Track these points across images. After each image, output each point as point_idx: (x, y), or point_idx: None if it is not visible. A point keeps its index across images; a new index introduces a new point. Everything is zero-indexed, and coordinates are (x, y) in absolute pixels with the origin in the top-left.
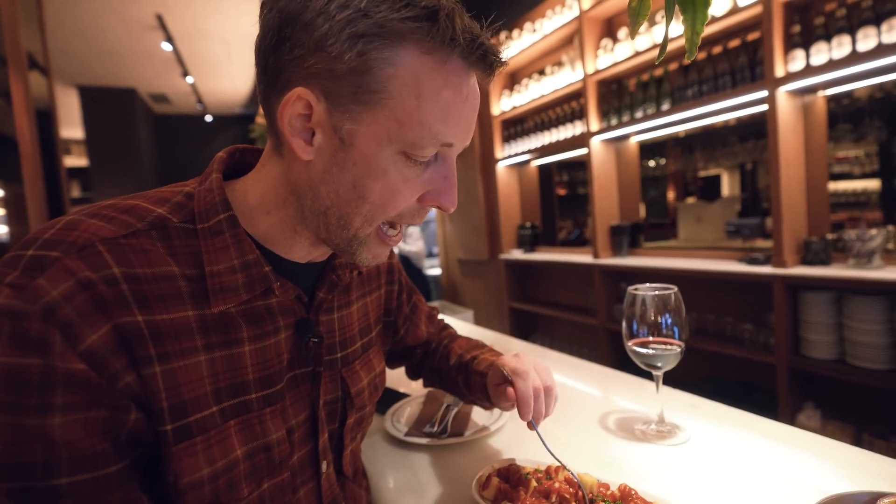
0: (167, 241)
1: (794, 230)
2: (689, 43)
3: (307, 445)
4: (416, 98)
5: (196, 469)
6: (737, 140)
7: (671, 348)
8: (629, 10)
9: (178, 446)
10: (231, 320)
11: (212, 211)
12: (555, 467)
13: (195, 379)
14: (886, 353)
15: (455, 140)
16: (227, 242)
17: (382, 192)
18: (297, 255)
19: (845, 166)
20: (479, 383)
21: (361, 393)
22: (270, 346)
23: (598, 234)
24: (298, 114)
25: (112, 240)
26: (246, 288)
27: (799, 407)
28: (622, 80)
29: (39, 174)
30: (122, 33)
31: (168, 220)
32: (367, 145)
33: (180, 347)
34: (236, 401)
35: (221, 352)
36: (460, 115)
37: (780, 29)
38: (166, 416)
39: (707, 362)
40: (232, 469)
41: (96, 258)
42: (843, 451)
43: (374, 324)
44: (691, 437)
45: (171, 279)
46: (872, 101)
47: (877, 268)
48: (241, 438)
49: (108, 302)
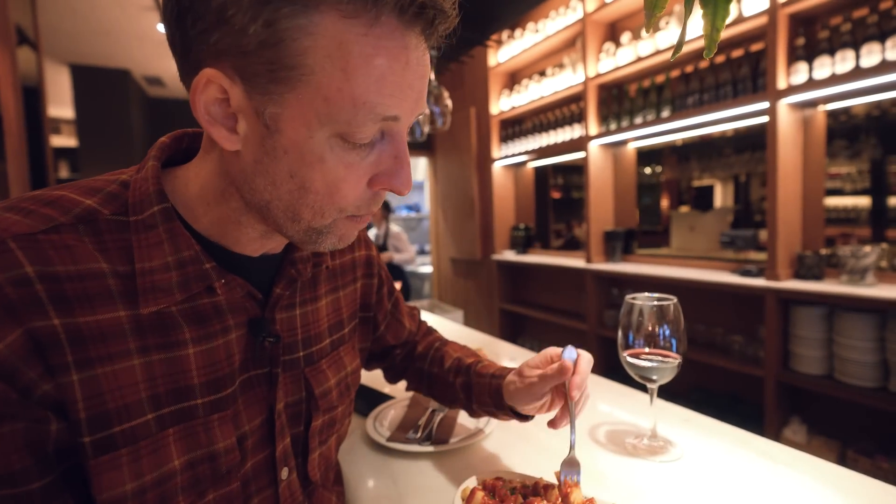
0: (96, 236)
1: (788, 244)
2: (708, 39)
3: (263, 452)
4: (343, 70)
5: (118, 484)
6: (732, 151)
7: (668, 361)
8: (645, 2)
9: (97, 459)
10: (171, 320)
11: (146, 202)
12: (543, 483)
13: (126, 385)
14: (874, 371)
15: (400, 112)
16: (161, 238)
17: (325, 182)
18: (247, 248)
19: (837, 182)
20: (487, 385)
21: (328, 394)
22: (219, 346)
23: (591, 239)
24: (214, 98)
25: (27, 235)
26: (181, 287)
27: (785, 421)
28: (623, 85)
29: (24, 152)
30: (118, 12)
31: (98, 212)
32: (295, 130)
33: (107, 352)
34: (177, 407)
35: (159, 355)
36: (401, 85)
37: (785, 41)
38: (84, 427)
39: (695, 373)
40: (165, 482)
41: (6, 257)
42: (834, 472)
43: (347, 319)
44: (684, 453)
45: (98, 277)
46: (869, 119)
47: (869, 285)
48: (182, 447)
49: (17, 305)
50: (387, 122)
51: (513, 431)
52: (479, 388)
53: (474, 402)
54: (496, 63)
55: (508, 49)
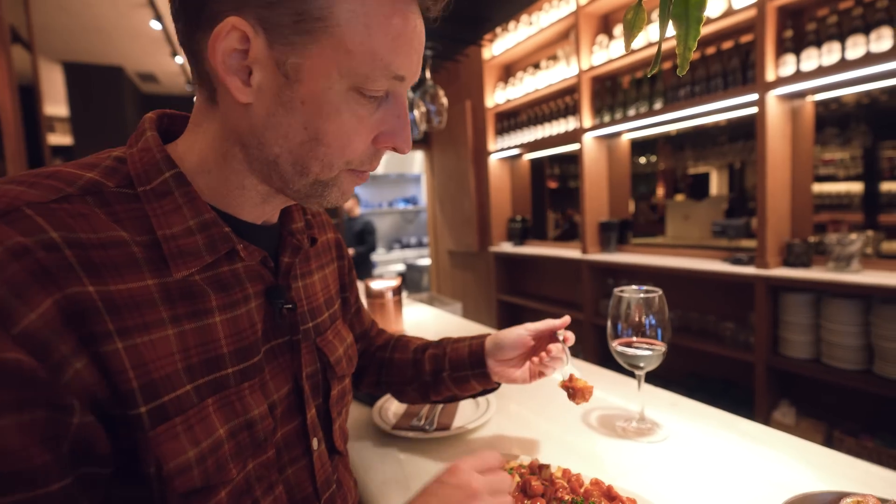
0: (106, 207)
1: (777, 232)
2: (681, 58)
3: (293, 421)
4: (366, 26)
5: (181, 451)
6: (726, 140)
7: (654, 349)
8: (624, 22)
9: (155, 430)
10: (197, 288)
11: (153, 171)
12: (538, 464)
13: (164, 355)
14: (859, 355)
15: (406, 73)
16: (178, 203)
17: (338, 134)
18: (250, 215)
19: (831, 168)
20: (466, 348)
21: (340, 361)
22: (242, 315)
23: (587, 230)
24: (233, 49)
25: (40, 204)
26: (208, 250)
27: (775, 404)
28: (616, 78)
29: (22, 151)
30: (110, 9)
31: (102, 184)
32: (315, 81)
33: (143, 321)
34: (211, 377)
35: (190, 324)
36: (410, 46)
37: (773, 33)
38: (138, 397)
39: (689, 359)
40: (218, 449)
41: (27, 222)
42: (814, 451)
43: (335, 296)
44: (670, 434)
45: (121, 245)
46: (859, 107)
47: (855, 272)
48: (222, 417)
49: (50, 270)
50: (394, 82)
51: (511, 419)
52: (455, 354)
53: (445, 370)
54: (491, 56)
55: (503, 42)
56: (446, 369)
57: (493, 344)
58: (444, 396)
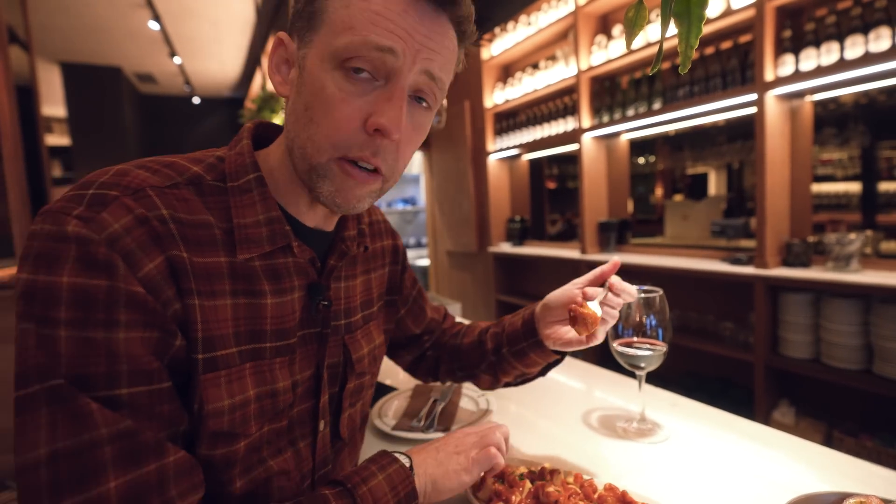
0: (202, 196)
1: (776, 232)
2: (682, 56)
3: (308, 402)
4: (346, 7)
5: (219, 399)
6: (725, 140)
7: (656, 349)
8: (625, 20)
9: (205, 376)
10: (255, 272)
11: (241, 171)
12: (549, 469)
13: (222, 319)
14: (859, 354)
15: (394, 45)
16: (255, 199)
17: (325, 111)
18: (306, 217)
19: (829, 168)
20: (520, 318)
21: (361, 360)
22: (287, 302)
23: (586, 230)
24: (278, 54)
25: (159, 188)
26: (269, 240)
27: (774, 404)
28: (615, 78)
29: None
30: (108, 10)
31: (203, 177)
32: (313, 64)
33: (212, 288)
34: (252, 346)
35: (245, 299)
36: (397, 24)
37: (772, 33)
38: (199, 345)
39: (688, 358)
40: (246, 406)
41: (148, 200)
42: (815, 451)
43: (376, 299)
44: (671, 435)
45: (208, 227)
46: (858, 107)
47: (854, 271)
48: (254, 381)
49: (162, 236)
50: (380, 55)
51: (511, 420)
52: (511, 327)
53: (504, 346)
54: (489, 56)
55: (501, 42)
56: (505, 345)
57: (542, 307)
58: (513, 376)
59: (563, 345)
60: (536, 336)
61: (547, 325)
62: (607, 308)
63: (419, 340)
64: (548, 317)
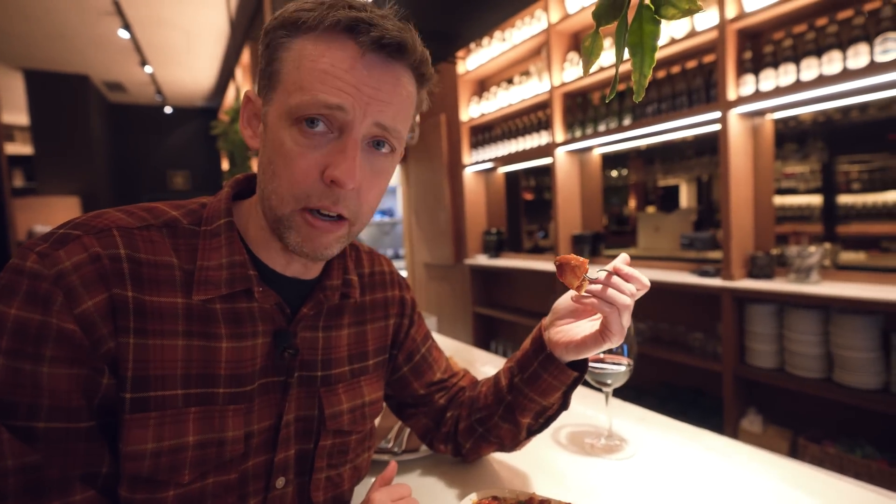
0: (174, 238)
1: (741, 245)
2: (636, 85)
3: (266, 455)
4: (297, 68)
5: (142, 441)
6: (693, 154)
7: (619, 366)
8: (582, 49)
9: (132, 415)
10: (213, 315)
11: (215, 217)
12: (538, 499)
13: (168, 359)
14: (820, 363)
15: (343, 103)
16: (221, 244)
17: (285, 165)
18: (277, 264)
19: (792, 182)
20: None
21: (338, 416)
22: (247, 347)
23: (560, 243)
24: (250, 111)
25: (127, 228)
26: (227, 283)
27: (743, 412)
28: (587, 94)
29: None
30: (74, 17)
31: (179, 221)
32: (273, 121)
33: (161, 328)
34: (202, 390)
35: (199, 342)
36: (344, 80)
37: (734, 54)
38: (128, 384)
39: (660, 369)
40: (178, 452)
41: (109, 240)
42: (780, 464)
43: (373, 353)
44: (637, 451)
45: (168, 268)
46: (816, 124)
47: (814, 283)
48: (198, 427)
49: (110, 274)
50: (333, 112)
51: None
52: (521, 352)
53: (517, 375)
54: (465, 70)
55: (477, 57)
56: (517, 373)
57: (549, 315)
58: (531, 414)
59: (577, 347)
60: (545, 350)
61: (557, 332)
62: (616, 293)
63: (428, 400)
64: (555, 322)
